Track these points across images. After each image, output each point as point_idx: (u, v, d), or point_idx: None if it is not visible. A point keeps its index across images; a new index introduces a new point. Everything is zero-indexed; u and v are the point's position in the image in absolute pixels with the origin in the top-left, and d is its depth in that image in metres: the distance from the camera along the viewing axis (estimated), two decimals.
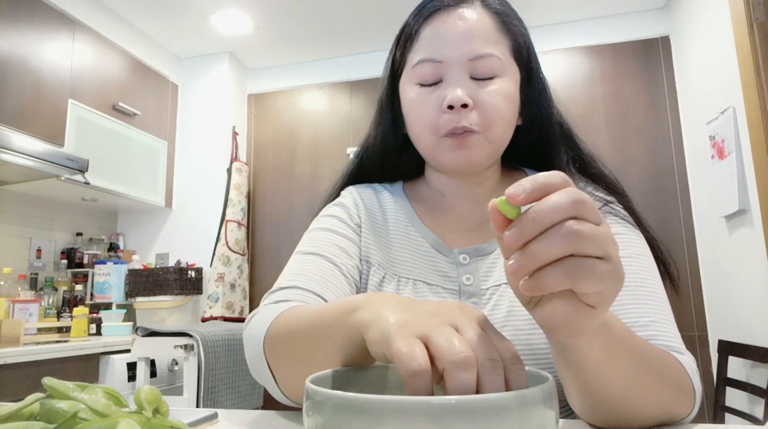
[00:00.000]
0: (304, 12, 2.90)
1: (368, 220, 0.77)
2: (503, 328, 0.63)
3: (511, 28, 0.71)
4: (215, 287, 2.93)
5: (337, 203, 0.79)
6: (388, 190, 0.81)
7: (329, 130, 3.29)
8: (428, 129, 0.69)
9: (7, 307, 2.26)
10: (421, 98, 0.70)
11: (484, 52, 0.68)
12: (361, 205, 0.78)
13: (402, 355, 0.32)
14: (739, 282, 2.24)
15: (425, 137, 0.70)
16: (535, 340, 0.62)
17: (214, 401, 1.77)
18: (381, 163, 0.81)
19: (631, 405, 0.48)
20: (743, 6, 2.02)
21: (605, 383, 0.46)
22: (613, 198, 0.69)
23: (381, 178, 0.84)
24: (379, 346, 0.37)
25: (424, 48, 0.70)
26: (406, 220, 0.76)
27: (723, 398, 2.17)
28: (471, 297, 0.67)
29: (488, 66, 0.68)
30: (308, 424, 0.33)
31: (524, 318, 0.63)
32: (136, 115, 2.87)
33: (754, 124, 1.99)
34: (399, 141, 0.78)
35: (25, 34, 2.28)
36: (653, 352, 0.51)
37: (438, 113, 0.67)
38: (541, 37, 3.07)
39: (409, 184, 0.83)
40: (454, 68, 0.68)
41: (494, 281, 0.67)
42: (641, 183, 2.75)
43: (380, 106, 0.79)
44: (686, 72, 2.70)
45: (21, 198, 2.64)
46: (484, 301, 0.67)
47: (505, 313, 0.64)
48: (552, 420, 0.31)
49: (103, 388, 0.43)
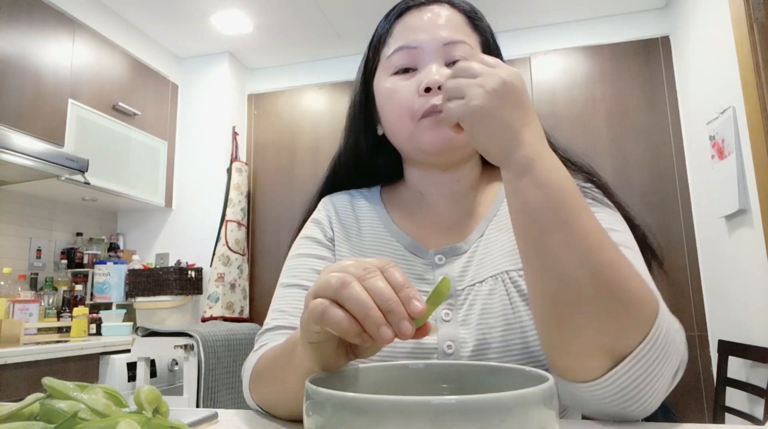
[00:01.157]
0: (304, 12, 2.90)
1: (342, 231, 0.77)
2: (478, 326, 0.63)
3: (480, 25, 0.74)
4: (215, 287, 2.93)
5: (312, 220, 0.80)
6: (364, 196, 0.81)
7: (329, 130, 3.29)
8: (405, 114, 0.69)
9: (7, 307, 2.26)
10: (397, 85, 0.70)
11: (458, 38, 0.70)
12: (334, 217, 0.78)
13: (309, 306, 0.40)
14: (739, 282, 2.24)
15: (402, 124, 0.70)
16: (510, 337, 0.62)
17: (214, 401, 1.77)
18: (355, 168, 0.82)
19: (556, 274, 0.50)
20: (743, 6, 2.02)
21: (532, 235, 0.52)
22: (590, 184, 0.69)
23: (357, 184, 0.84)
24: (303, 325, 0.43)
25: (399, 39, 0.72)
26: (381, 225, 0.76)
27: (723, 398, 2.17)
28: (447, 299, 0.67)
29: (462, 51, 0.69)
30: (308, 424, 0.33)
31: (498, 315, 0.63)
32: (136, 115, 2.87)
33: (754, 124, 1.99)
34: (371, 142, 0.78)
35: (25, 34, 2.28)
36: (611, 250, 0.50)
37: (414, 98, 0.68)
38: (541, 37, 3.07)
39: (388, 188, 0.83)
40: (429, 54, 0.69)
41: (469, 281, 0.67)
42: (641, 183, 2.75)
43: (352, 110, 0.80)
44: (686, 72, 2.70)
45: (21, 198, 2.64)
46: (460, 301, 0.66)
47: (479, 311, 0.64)
48: (552, 420, 0.31)
49: (103, 388, 0.43)
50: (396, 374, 0.43)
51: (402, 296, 0.38)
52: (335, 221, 0.78)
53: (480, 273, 0.67)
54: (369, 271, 0.39)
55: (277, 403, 0.59)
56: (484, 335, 0.62)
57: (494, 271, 0.66)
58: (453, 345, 0.63)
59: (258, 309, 3.16)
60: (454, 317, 0.65)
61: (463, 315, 0.65)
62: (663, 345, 0.49)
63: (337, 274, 0.40)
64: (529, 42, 3.05)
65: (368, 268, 0.40)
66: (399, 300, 0.38)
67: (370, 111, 0.78)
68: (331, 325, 0.39)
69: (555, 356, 0.53)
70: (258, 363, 0.64)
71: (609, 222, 0.63)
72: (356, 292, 0.38)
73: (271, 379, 0.59)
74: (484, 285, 0.66)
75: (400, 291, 0.38)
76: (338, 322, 0.38)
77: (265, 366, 0.61)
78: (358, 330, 0.38)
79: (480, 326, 0.63)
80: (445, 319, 0.65)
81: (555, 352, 0.53)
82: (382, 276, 0.39)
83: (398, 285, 0.39)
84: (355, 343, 0.42)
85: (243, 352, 1.96)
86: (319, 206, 0.82)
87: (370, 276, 0.39)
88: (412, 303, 0.38)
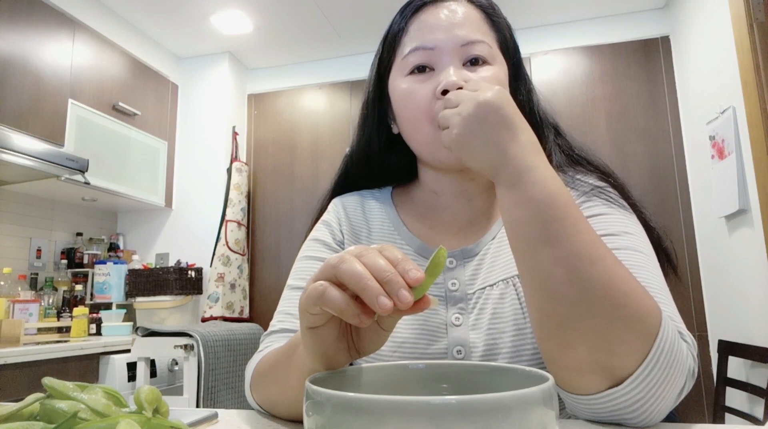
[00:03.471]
0: (304, 12, 2.90)
1: (351, 234, 0.76)
2: (488, 331, 0.63)
3: (497, 22, 0.72)
4: (215, 287, 2.93)
5: (322, 222, 0.79)
6: (375, 197, 0.80)
7: (329, 130, 3.29)
8: (423, 118, 0.67)
9: (7, 307, 2.26)
10: (414, 87, 0.69)
11: (476, 38, 0.68)
12: (344, 219, 0.77)
13: (308, 288, 0.41)
14: (739, 282, 2.24)
15: (421, 127, 0.68)
16: (521, 342, 0.61)
17: (214, 401, 1.77)
18: (367, 167, 0.80)
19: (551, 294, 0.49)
20: (743, 6, 2.02)
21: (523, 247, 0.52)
22: (604, 184, 0.68)
23: (369, 183, 0.83)
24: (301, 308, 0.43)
25: (415, 38, 0.70)
26: (391, 227, 0.75)
27: (723, 398, 2.17)
28: (457, 303, 0.66)
29: (480, 51, 0.68)
30: (308, 424, 0.33)
31: (509, 320, 0.62)
32: (136, 115, 2.87)
33: (754, 124, 1.99)
34: (384, 141, 0.77)
35: (25, 34, 2.28)
36: (607, 264, 0.48)
37: (432, 101, 0.66)
38: (541, 37, 3.07)
39: (400, 189, 0.82)
40: (446, 54, 0.68)
41: (480, 284, 0.66)
42: (641, 183, 2.75)
43: (366, 109, 0.78)
44: (686, 72, 2.70)
45: (21, 198, 2.64)
46: (471, 305, 0.65)
47: (489, 316, 0.64)
48: (552, 420, 0.31)
49: (103, 388, 0.43)
50: (396, 374, 0.43)
51: (399, 268, 0.38)
52: (345, 223, 0.77)
53: (491, 276, 0.66)
54: (367, 249, 0.40)
55: (277, 403, 0.59)
56: (495, 340, 0.62)
57: (505, 274, 0.65)
58: (463, 350, 0.63)
59: (258, 309, 3.16)
60: (465, 321, 0.64)
61: (473, 319, 0.64)
62: (666, 365, 0.47)
63: (336, 255, 0.40)
64: (529, 42, 3.05)
65: (366, 248, 0.41)
66: (396, 271, 0.38)
67: (384, 109, 0.76)
68: (330, 304, 0.39)
69: (552, 369, 0.52)
70: (260, 363, 0.64)
71: (624, 224, 0.61)
72: (353, 265, 0.38)
73: (273, 379, 0.59)
74: (494, 289, 0.65)
75: (398, 264, 0.39)
76: (336, 301, 0.38)
77: (267, 366, 0.61)
78: (356, 310, 0.38)
79: (490, 331, 0.63)
80: (456, 324, 0.64)
81: (551, 365, 0.52)
82: (381, 254, 0.40)
83: (396, 260, 0.39)
84: (355, 325, 0.41)
85: (243, 352, 1.96)
86: (329, 208, 0.81)
87: (368, 252, 0.40)
88: (410, 272, 0.38)
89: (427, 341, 0.64)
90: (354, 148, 0.80)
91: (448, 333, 0.64)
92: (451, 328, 0.64)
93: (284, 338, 0.67)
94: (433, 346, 0.64)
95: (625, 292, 0.47)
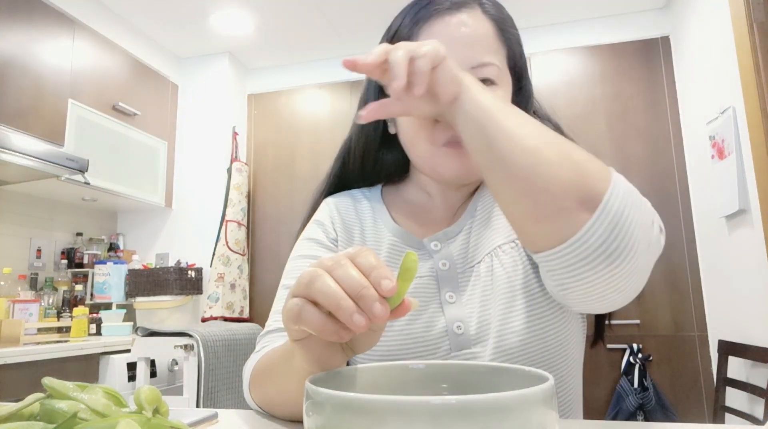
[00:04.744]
0: (304, 12, 2.90)
1: (345, 233, 0.76)
2: (481, 304, 0.65)
3: (508, 35, 0.71)
4: (215, 287, 2.93)
5: (314, 221, 0.79)
6: (366, 197, 0.81)
7: (329, 130, 3.29)
8: (424, 137, 0.67)
9: (7, 307, 2.26)
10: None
11: (486, 60, 0.67)
12: (337, 218, 0.78)
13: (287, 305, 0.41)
14: (739, 282, 2.24)
15: (421, 145, 0.68)
16: (511, 312, 0.63)
17: (214, 401, 1.77)
18: (362, 165, 0.81)
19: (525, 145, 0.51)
20: (743, 6, 2.02)
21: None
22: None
23: (362, 180, 0.83)
24: (284, 324, 0.43)
25: None
26: (382, 224, 0.76)
27: (723, 398, 2.17)
28: (449, 282, 0.68)
29: (488, 74, 0.67)
30: (308, 424, 0.33)
31: (497, 291, 0.64)
32: (136, 115, 2.87)
33: (754, 124, 1.99)
34: (380, 137, 0.78)
35: (25, 34, 2.28)
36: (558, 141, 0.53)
37: (434, 121, 0.66)
38: (541, 37, 3.07)
39: (391, 187, 0.82)
40: None
41: (468, 262, 0.69)
42: (641, 183, 2.75)
43: (364, 104, 0.78)
44: (686, 72, 2.70)
45: (21, 198, 2.64)
46: (462, 285, 0.67)
47: (481, 291, 0.66)
48: (552, 420, 0.31)
49: (103, 388, 0.43)
50: (396, 374, 0.43)
51: (372, 278, 0.38)
52: (338, 222, 0.77)
53: (477, 253, 0.69)
54: (339, 261, 0.40)
55: (276, 403, 0.59)
56: (488, 312, 0.64)
57: (489, 248, 0.68)
58: (462, 325, 0.64)
59: (258, 309, 3.16)
60: (459, 299, 0.66)
61: (467, 297, 0.66)
62: (627, 193, 0.51)
63: (309, 270, 0.40)
64: (529, 42, 3.03)
65: (339, 259, 0.40)
66: (369, 284, 0.38)
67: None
68: (306, 324, 0.39)
69: (526, 227, 0.53)
70: (257, 364, 0.64)
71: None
72: (325, 284, 0.38)
73: (270, 380, 0.59)
74: (482, 264, 0.67)
75: (371, 273, 0.38)
76: (313, 322, 0.39)
77: (265, 367, 0.62)
78: (333, 328, 0.39)
79: (483, 303, 0.65)
80: (450, 301, 0.66)
81: (526, 222, 0.52)
82: (352, 263, 0.39)
83: (369, 267, 0.39)
84: (336, 341, 0.42)
85: (243, 352, 1.96)
86: (321, 207, 0.81)
87: (339, 266, 0.39)
88: (382, 283, 0.38)
89: (425, 325, 0.65)
90: (349, 147, 0.81)
91: (445, 311, 0.65)
92: (447, 306, 0.66)
93: (281, 337, 0.67)
94: (432, 330, 0.64)
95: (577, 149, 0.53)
